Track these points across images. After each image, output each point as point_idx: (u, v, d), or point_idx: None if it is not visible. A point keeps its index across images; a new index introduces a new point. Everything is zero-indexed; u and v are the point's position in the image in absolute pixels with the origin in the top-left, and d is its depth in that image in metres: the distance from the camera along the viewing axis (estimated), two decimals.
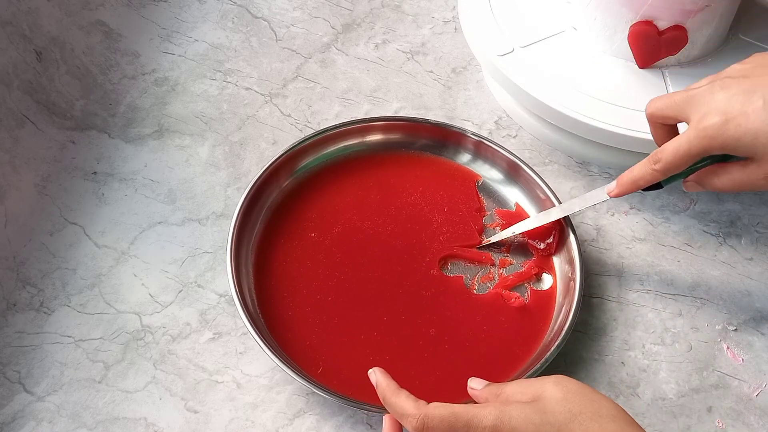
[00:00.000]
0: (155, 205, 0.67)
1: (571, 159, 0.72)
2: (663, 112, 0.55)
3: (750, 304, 0.64)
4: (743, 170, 0.52)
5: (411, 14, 0.83)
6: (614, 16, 0.68)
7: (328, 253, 0.63)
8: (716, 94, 0.51)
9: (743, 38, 0.73)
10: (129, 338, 0.60)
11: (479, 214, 0.66)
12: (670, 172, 0.54)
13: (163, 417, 0.56)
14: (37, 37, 0.72)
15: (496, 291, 0.62)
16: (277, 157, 0.65)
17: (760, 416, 0.58)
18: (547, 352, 0.57)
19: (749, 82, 0.50)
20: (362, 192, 0.67)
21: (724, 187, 0.54)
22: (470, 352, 0.59)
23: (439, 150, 0.69)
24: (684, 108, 0.53)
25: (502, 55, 0.70)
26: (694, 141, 0.52)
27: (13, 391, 0.57)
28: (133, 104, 0.74)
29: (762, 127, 0.49)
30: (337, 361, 0.58)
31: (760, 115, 0.49)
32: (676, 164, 0.53)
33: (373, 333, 0.59)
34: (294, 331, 0.59)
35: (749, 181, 0.52)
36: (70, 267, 0.63)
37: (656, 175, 0.55)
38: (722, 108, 0.50)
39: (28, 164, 0.68)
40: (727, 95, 0.50)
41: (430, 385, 0.57)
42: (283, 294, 0.61)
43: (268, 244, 0.63)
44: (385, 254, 0.63)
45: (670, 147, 0.53)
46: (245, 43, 0.80)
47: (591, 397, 0.46)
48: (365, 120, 0.69)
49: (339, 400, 0.54)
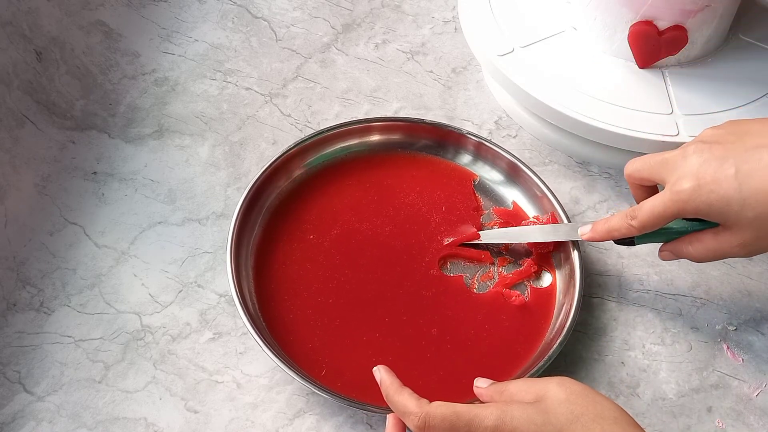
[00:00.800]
0: (155, 205, 0.67)
1: (571, 159, 0.72)
2: (640, 174, 0.56)
3: (750, 304, 0.64)
4: (716, 238, 0.53)
5: (411, 14, 0.83)
6: (614, 16, 0.68)
7: (327, 255, 0.63)
8: (689, 158, 0.52)
9: (743, 38, 0.73)
10: (129, 338, 0.60)
11: (477, 213, 0.66)
12: (646, 230, 0.55)
13: (163, 417, 0.56)
14: (37, 37, 0.72)
15: (496, 290, 0.62)
16: (276, 158, 0.65)
17: (760, 416, 0.58)
18: (548, 350, 0.57)
19: (722, 148, 0.51)
20: (360, 193, 0.67)
21: (699, 255, 0.55)
22: (472, 351, 0.59)
23: (436, 150, 0.69)
24: (659, 171, 0.54)
25: (502, 55, 0.70)
26: (668, 203, 0.52)
27: (13, 391, 0.57)
28: (133, 104, 0.74)
29: (734, 195, 0.49)
30: (339, 363, 0.58)
31: (731, 183, 0.49)
32: (651, 223, 0.54)
33: (375, 334, 0.59)
34: (295, 333, 0.59)
35: (722, 249, 0.53)
36: (70, 267, 0.63)
37: (632, 230, 0.56)
38: (695, 173, 0.51)
39: (28, 164, 0.68)
40: (700, 160, 0.51)
41: (432, 385, 0.57)
42: (283, 296, 0.61)
43: (267, 246, 0.63)
44: (385, 255, 0.63)
45: (647, 206, 0.54)
46: (245, 43, 0.80)
47: (594, 399, 0.46)
48: (362, 121, 0.69)
49: (339, 401, 0.54)
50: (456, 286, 0.62)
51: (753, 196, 0.49)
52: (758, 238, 0.51)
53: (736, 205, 0.49)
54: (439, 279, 0.62)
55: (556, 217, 0.64)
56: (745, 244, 0.51)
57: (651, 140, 0.65)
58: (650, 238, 0.57)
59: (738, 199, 0.49)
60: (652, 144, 0.65)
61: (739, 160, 0.49)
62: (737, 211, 0.50)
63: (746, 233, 0.51)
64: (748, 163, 0.49)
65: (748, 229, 0.50)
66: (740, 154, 0.50)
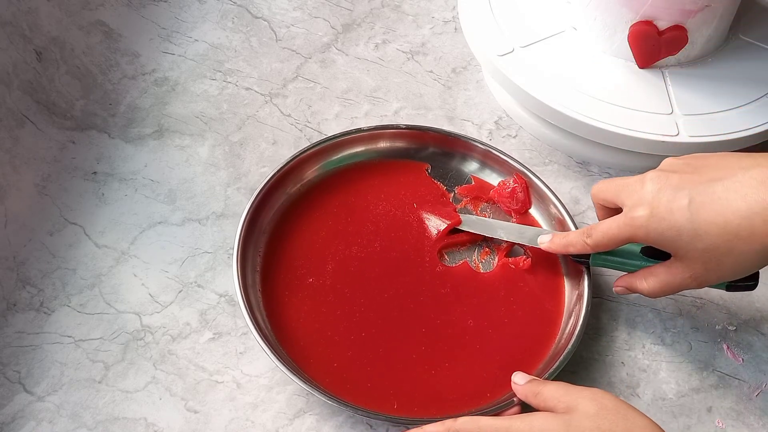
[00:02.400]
0: (155, 205, 0.67)
1: (571, 159, 0.72)
2: (603, 194, 0.57)
3: (750, 304, 0.64)
4: (669, 270, 0.53)
5: (411, 14, 0.83)
6: (614, 16, 0.68)
7: (332, 293, 0.61)
8: (646, 185, 0.52)
9: (743, 38, 0.73)
10: (129, 338, 0.60)
11: (445, 198, 0.67)
12: (599, 249, 0.56)
13: (163, 417, 0.56)
14: (37, 37, 0.72)
15: (501, 262, 0.63)
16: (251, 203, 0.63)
17: (760, 416, 0.58)
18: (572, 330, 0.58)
19: (678, 178, 0.51)
20: (332, 220, 0.65)
21: (652, 289, 0.55)
22: (509, 330, 0.60)
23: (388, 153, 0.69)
24: (619, 194, 0.55)
25: (502, 55, 0.70)
26: (622, 227, 0.53)
27: (13, 391, 0.57)
28: (133, 104, 0.74)
29: (686, 225, 0.50)
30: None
31: (684, 213, 0.50)
32: (604, 243, 0.55)
33: (421, 347, 0.59)
34: (324, 366, 0.58)
35: (675, 282, 0.53)
36: (70, 267, 0.63)
37: (586, 247, 0.57)
38: (650, 201, 0.52)
39: (28, 164, 0.68)
40: (656, 188, 0.52)
41: (464, 380, 0.57)
42: (300, 340, 0.59)
43: (271, 293, 0.61)
44: (387, 270, 0.62)
45: (602, 227, 0.55)
46: (245, 43, 0.80)
47: (625, 415, 0.47)
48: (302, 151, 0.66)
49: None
50: (465, 272, 0.63)
51: (703, 228, 0.49)
52: (707, 270, 0.51)
53: (687, 236, 0.50)
54: (447, 272, 0.63)
55: (523, 178, 0.66)
56: (695, 276, 0.52)
57: (651, 140, 0.65)
58: (604, 262, 0.59)
59: (689, 230, 0.50)
60: (652, 144, 0.65)
61: (694, 192, 0.50)
62: (687, 241, 0.50)
63: (696, 265, 0.51)
64: (701, 195, 0.50)
65: (699, 261, 0.51)
66: (695, 186, 0.50)
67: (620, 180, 0.56)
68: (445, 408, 0.55)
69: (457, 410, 0.55)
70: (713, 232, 0.49)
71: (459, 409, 0.55)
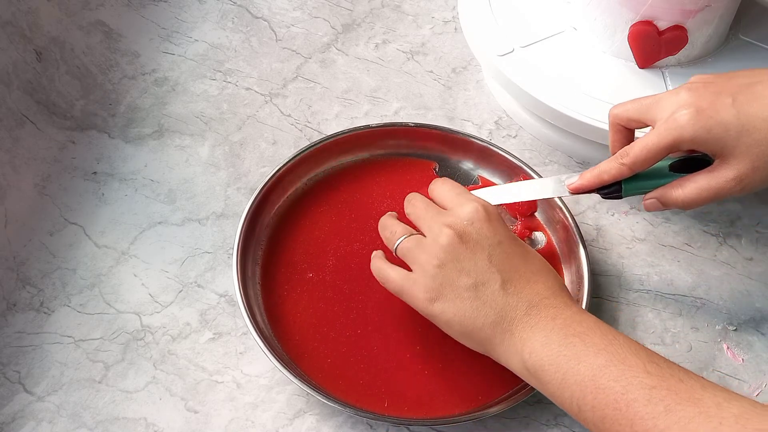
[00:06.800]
0: (155, 205, 0.67)
1: (571, 159, 0.72)
2: (628, 114, 0.55)
3: (750, 304, 0.64)
4: (711, 174, 0.52)
5: (411, 14, 0.83)
6: (614, 16, 0.68)
7: (331, 288, 0.61)
8: (681, 93, 0.52)
9: (743, 38, 0.73)
10: (129, 338, 0.60)
11: None
12: (637, 168, 0.54)
13: (163, 417, 0.56)
14: (37, 37, 0.72)
15: None
16: (253, 199, 0.63)
17: None
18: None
19: (715, 86, 0.52)
20: (335, 215, 0.65)
21: (689, 198, 0.53)
22: None
23: (393, 150, 0.69)
24: (650, 109, 0.53)
25: (502, 55, 0.70)
26: (663, 134, 0.51)
27: (13, 391, 0.57)
28: (133, 104, 0.74)
29: (733, 121, 0.50)
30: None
31: (729, 110, 0.50)
32: (644, 158, 0.53)
33: (416, 347, 0.58)
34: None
35: (717, 186, 0.52)
36: (70, 267, 0.63)
37: (623, 169, 0.54)
38: (692, 102, 0.51)
39: (28, 164, 0.68)
40: (696, 94, 0.51)
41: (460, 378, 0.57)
42: (296, 335, 0.59)
43: (271, 287, 0.61)
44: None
45: (640, 142, 0.53)
46: (245, 43, 0.80)
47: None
48: (310, 146, 0.66)
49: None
50: None
51: (751, 122, 0.49)
52: (755, 168, 0.50)
53: (734, 131, 0.49)
54: None
55: (528, 179, 0.65)
56: (741, 177, 0.51)
57: None
58: (637, 189, 0.55)
59: (737, 125, 0.49)
60: None
61: (735, 92, 0.50)
62: (735, 137, 0.50)
63: (743, 163, 0.50)
64: (743, 95, 0.50)
65: (746, 158, 0.50)
66: (734, 88, 0.51)
67: (647, 97, 0.54)
68: (435, 408, 0.55)
69: (447, 411, 0.55)
70: (761, 127, 0.49)
71: (449, 410, 0.55)
